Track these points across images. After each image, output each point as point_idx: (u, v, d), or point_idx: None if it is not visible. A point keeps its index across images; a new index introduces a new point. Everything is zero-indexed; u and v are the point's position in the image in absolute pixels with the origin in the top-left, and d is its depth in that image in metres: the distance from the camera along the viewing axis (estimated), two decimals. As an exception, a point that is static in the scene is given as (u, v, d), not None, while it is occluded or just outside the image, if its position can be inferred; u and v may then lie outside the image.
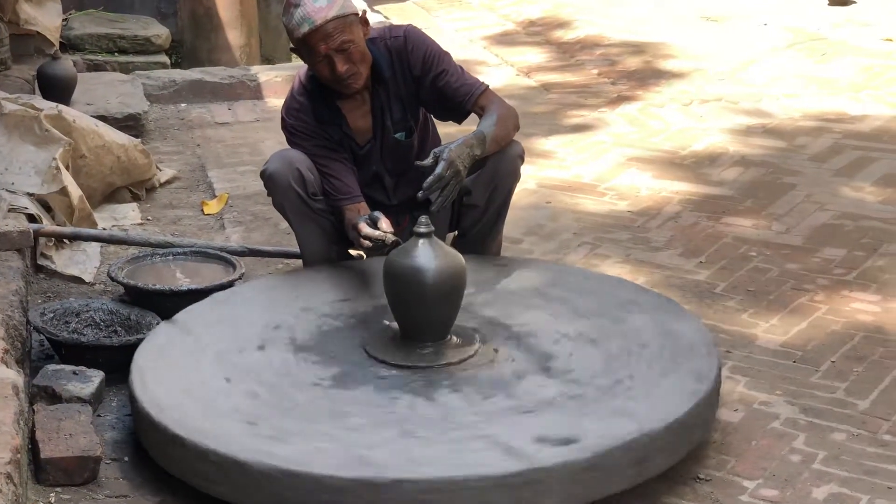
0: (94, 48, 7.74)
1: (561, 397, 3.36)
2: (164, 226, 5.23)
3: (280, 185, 4.06)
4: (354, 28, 3.93)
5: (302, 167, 4.05)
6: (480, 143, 3.92)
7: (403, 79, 4.09)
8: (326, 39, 3.89)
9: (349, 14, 3.92)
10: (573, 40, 8.31)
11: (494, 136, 3.98)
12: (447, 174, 3.79)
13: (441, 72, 4.07)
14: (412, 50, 4.07)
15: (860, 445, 3.47)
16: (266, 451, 3.08)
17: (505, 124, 4.03)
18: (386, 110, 4.11)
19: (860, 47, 7.87)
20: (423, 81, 4.08)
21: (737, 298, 4.42)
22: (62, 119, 5.13)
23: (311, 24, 3.87)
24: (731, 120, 6.52)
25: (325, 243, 4.19)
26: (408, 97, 4.12)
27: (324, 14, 3.87)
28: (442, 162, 3.79)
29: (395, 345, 3.63)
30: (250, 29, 8.42)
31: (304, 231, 4.16)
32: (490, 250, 4.29)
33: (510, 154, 4.10)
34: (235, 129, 6.68)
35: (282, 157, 4.10)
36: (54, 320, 4.01)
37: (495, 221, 4.24)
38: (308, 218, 4.11)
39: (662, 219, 5.17)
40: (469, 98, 4.07)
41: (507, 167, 4.11)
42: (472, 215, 4.20)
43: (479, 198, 4.15)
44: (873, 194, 5.39)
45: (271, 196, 4.14)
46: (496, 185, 4.13)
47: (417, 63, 4.07)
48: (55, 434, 3.34)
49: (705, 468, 3.37)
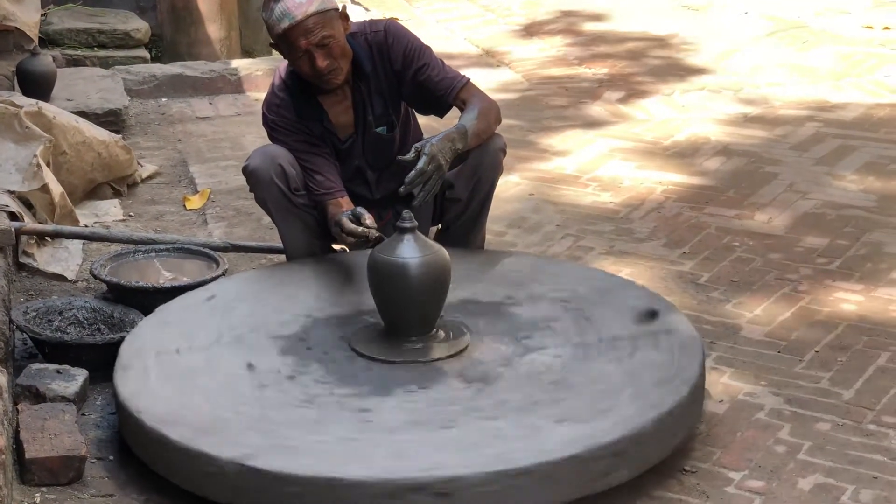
0: (73, 43, 7.69)
1: (553, 388, 3.37)
2: (146, 222, 5.22)
3: (262, 181, 4.05)
4: (335, 23, 3.92)
5: (284, 162, 4.03)
6: (462, 137, 3.91)
7: (384, 73, 4.08)
8: (307, 35, 3.87)
9: (329, 9, 3.90)
10: (554, 31, 8.30)
11: (476, 130, 3.97)
12: (429, 168, 3.79)
13: (422, 66, 4.06)
14: (392, 44, 4.06)
15: (845, 435, 3.48)
16: (261, 451, 3.06)
17: (486, 118, 4.02)
18: (367, 105, 4.10)
19: (841, 35, 7.89)
20: (404, 76, 4.07)
21: (720, 289, 4.42)
22: (42, 116, 5.11)
23: (291, 19, 3.85)
24: (713, 109, 6.52)
25: (308, 238, 4.18)
26: (389, 91, 4.11)
27: (304, 9, 3.85)
28: (423, 156, 3.79)
29: (381, 340, 3.62)
30: (230, 22, 8.39)
31: (287, 226, 4.15)
32: (474, 244, 4.29)
33: (492, 147, 4.09)
34: (216, 123, 6.65)
35: (263, 152, 4.09)
36: (37, 319, 4.00)
37: (478, 215, 4.24)
38: (290, 213, 4.10)
39: (646, 210, 5.18)
40: (450, 91, 4.06)
41: (489, 160, 4.10)
42: (454, 209, 4.20)
43: (461, 191, 4.14)
44: (855, 183, 5.40)
45: (253, 191, 4.13)
46: (479, 179, 4.12)
47: (398, 57, 4.06)
48: (39, 434, 3.33)
49: (691, 460, 3.38)
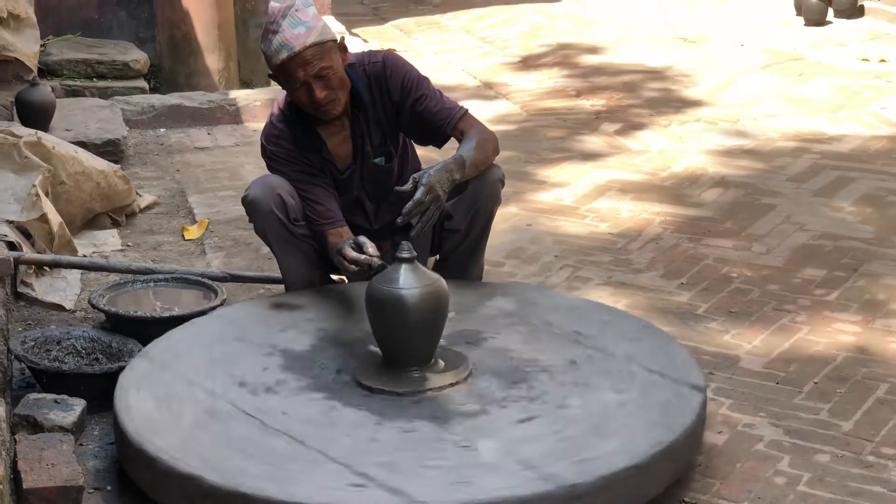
0: (72, 73, 7.71)
1: (550, 421, 3.36)
2: (144, 252, 5.22)
3: (261, 211, 4.05)
4: (333, 54, 3.93)
5: (283, 192, 4.04)
6: (460, 168, 3.92)
7: (382, 104, 4.09)
8: (305, 66, 3.88)
9: (327, 40, 3.91)
10: (551, 63, 8.33)
11: (474, 161, 3.98)
12: (426, 199, 3.79)
13: (420, 97, 4.07)
14: (391, 75, 4.07)
15: (844, 467, 3.47)
16: (270, 483, 3.05)
17: (484, 149, 4.03)
18: (365, 135, 4.11)
19: (837, 67, 7.93)
20: (403, 107, 4.08)
21: (719, 320, 4.42)
22: (41, 146, 5.11)
23: (289, 50, 3.86)
24: (710, 141, 6.54)
25: (307, 268, 4.18)
26: (387, 122, 4.12)
27: (302, 41, 3.86)
28: (421, 187, 3.80)
29: (380, 370, 3.61)
30: (228, 53, 8.41)
31: (286, 257, 4.15)
32: (472, 274, 4.29)
33: (491, 178, 4.10)
34: (215, 153, 6.67)
35: (263, 182, 4.10)
36: (35, 348, 3.99)
37: (476, 245, 4.24)
38: (290, 243, 4.10)
39: (643, 241, 5.19)
40: (448, 122, 4.07)
41: (487, 191, 4.11)
42: (453, 239, 4.20)
43: (459, 222, 4.15)
44: (853, 214, 5.42)
45: (252, 222, 4.13)
46: (477, 209, 4.13)
47: (396, 88, 4.07)
48: (37, 464, 3.31)
49: (691, 491, 3.37)
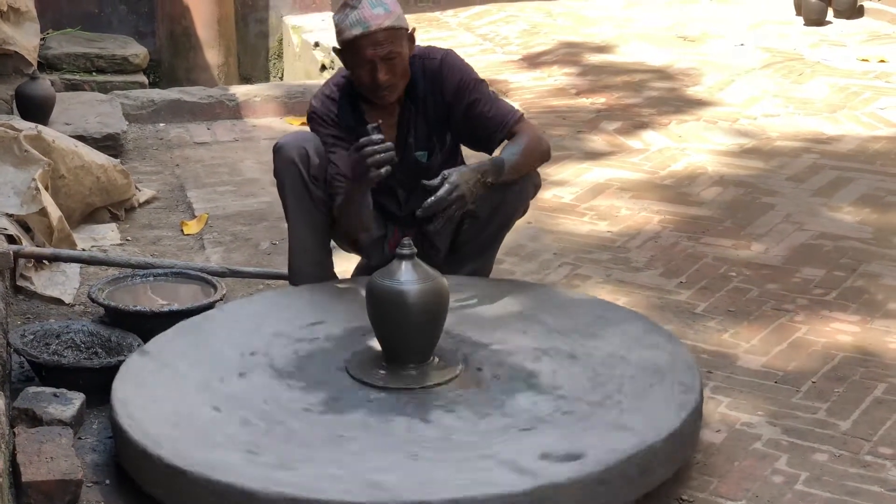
0: (71, 68, 7.71)
1: (554, 413, 3.37)
2: (143, 246, 5.22)
3: (284, 159, 4.03)
4: (403, 42, 3.96)
5: (310, 148, 4.03)
6: (496, 171, 3.90)
7: (434, 100, 4.08)
8: (375, 46, 3.90)
9: (402, 27, 3.95)
10: (552, 61, 8.34)
11: (515, 164, 3.96)
12: (450, 197, 3.78)
13: (474, 100, 4.05)
14: (447, 75, 4.06)
15: (842, 466, 3.48)
16: (273, 479, 3.05)
17: (530, 155, 4.01)
18: (411, 127, 4.10)
19: (836, 67, 7.94)
20: (456, 109, 4.07)
21: (717, 319, 4.43)
22: (41, 139, 5.12)
23: (364, 27, 3.88)
24: (710, 140, 6.55)
25: (316, 239, 4.15)
26: (435, 119, 4.10)
27: (379, 21, 3.89)
28: (446, 185, 3.79)
29: (379, 367, 3.62)
30: (228, 48, 8.43)
31: (298, 222, 4.11)
32: (480, 272, 4.28)
33: (526, 180, 4.09)
34: (214, 148, 6.67)
35: (296, 134, 4.12)
36: (34, 342, 3.99)
37: (491, 241, 4.23)
38: (303, 203, 4.06)
39: (642, 239, 5.19)
40: (501, 128, 4.04)
41: (518, 189, 4.08)
42: (472, 229, 4.18)
43: (483, 210, 4.10)
44: (851, 214, 5.42)
45: (275, 170, 4.10)
46: (503, 201, 4.09)
47: (451, 88, 4.05)
48: (36, 457, 3.31)
49: (688, 489, 3.37)
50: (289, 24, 8.78)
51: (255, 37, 8.98)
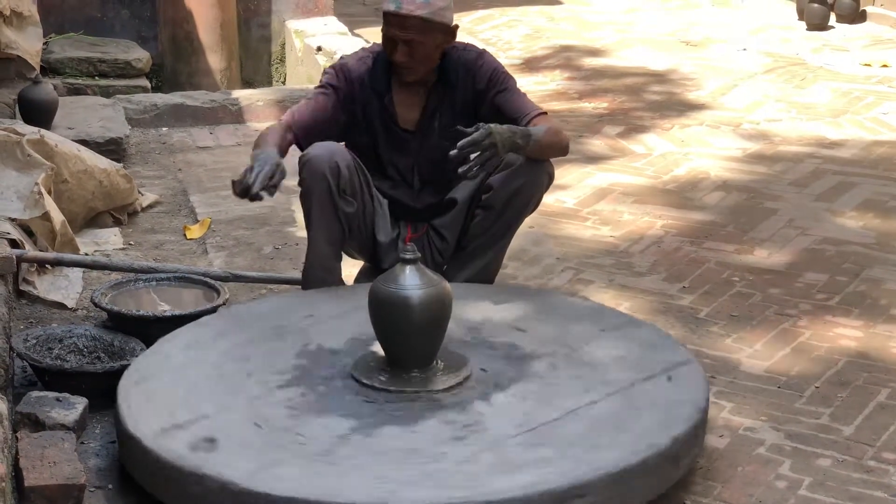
0: (74, 72, 7.71)
1: (551, 422, 3.35)
2: (146, 251, 5.22)
3: (315, 172, 4.02)
4: (432, 34, 4.01)
5: (341, 162, 4.04)
6: (525, 137, 3.97)
7: (464, 90, 4.15)
8: (400, 27, 3.99)
9: (434, 21, 3.99)
10: (554, 65, 8.34)
11: (540, 140, 4.01)
12: (484, 142, 3.83)
13: (504, 89, 4.15)
14: (482, 65, 4.16)
15: (845, 471, 3.47)
16: (272, 482, 3.05)
17: (555, 136, 4.08)
18: (437, 111, 4.17)
19: (839, 72, 7.94)
20: (485, 96, 4.14)
21: (720, 323, 4.42)
22: (44, 144, 5.11)
23: (396, 6, 3.98)
24: (713, 145, 6.55)
25: (331, 250, 4.17)
26: (463, 108, 4.17)
27: (411, 8, 3.96)
28: (482, 129, 3.85)
29: (382, 371, 3.60)
30: (231, 53, 8.42)
31: (318, 229, 4.12)
32: (486, 273, 4.29)
33: (542, 167, 4.13)
34: (217, 153, 6.66)
35: (326, 146, 4.09)
36: (37, 346, 3.99)
37: (503, 234, 4.24)
38: (327, 215, 4.08)
39: (645, 244, 5.19)
40: (525, 116, 4.10)
41: (534, 177, 4.12)
42: (485, 220, 4.19)
43: (498, 199, 4.14)
44: (854, 219, 5.42)
45: (301, 180, 4.08)
46: (518, 190, 4.12)
47: (484, 77, 4.14)
48: (39, 462, 3.31)
49: (692, 494, 3.37)
50: (291, 28, 8.78)
51: (257, 41, 8.97)
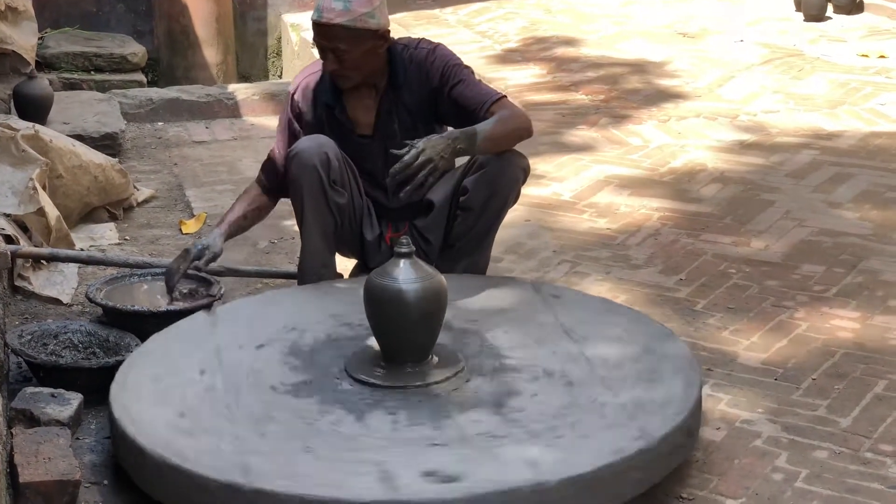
0: (70, 67, 7.69)
1: (547, 416, 3.33)
2: (141, 246, 5.20)
3: (305, 164, 4.03)
4: (359, 41, 3.98)
5: (330, 153, 4.05)
6: (467, 139, 3.92)
7: (419, 89, 4.12)
8: (324, 37, 4.00)
9: (358, 27, 3.96)
10: (550, 57, 8.32)
11: (489, 134, 3.96)
12: (415, 162, 3.82)
13: (457, 82, 4.09)
14: (433, 62, 4.12)
15: (842, 463, 3.47)
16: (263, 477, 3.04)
17: (505, 124, 4.01)
18: (393, 114, 4.15)
19: (836, 63, 7.92)
20: (441, 93, 4.10)
21: (717, 316, 4.42)
22: (39, 139, 5.10)
23: (318, 15, 4.00)
24: (709, 136, 6.53)
25: (326, 245, 4.17)
26: (419, 108, 4.14)
27: (330, 16, 3.96)
28: (412, 150, 3.84)
29: (376, 365, 3.60)
30: (227, 47, 8.41)
31: (312, 225, 4.12)
32: (478, 265, 4.27)
33: (514, 162, 4.10)
34: (213, 147, 6.65)
35: (314, 138, 4.10)
36: (32, 342, 3.98)
37: (487, 231, 4.23)
38: (320, 208, 4.08)
39: (642, 236, 5.18)
40: (482, 106, 4.05)
41: (509, 174, 4.10)
42: (466, 219, 4.18)
43: (475, 200, 4.12)
44: (851, 210, 5.41)
45: (291, 175, 4.08)
46: (495, 191, 4.11)
47: (437, 74, 4.10)
48: (34, 458, 3.30)
49: (688, 487, 3.36)
50: (287, 22, 8.77)
51: (253, 35, 8.97)
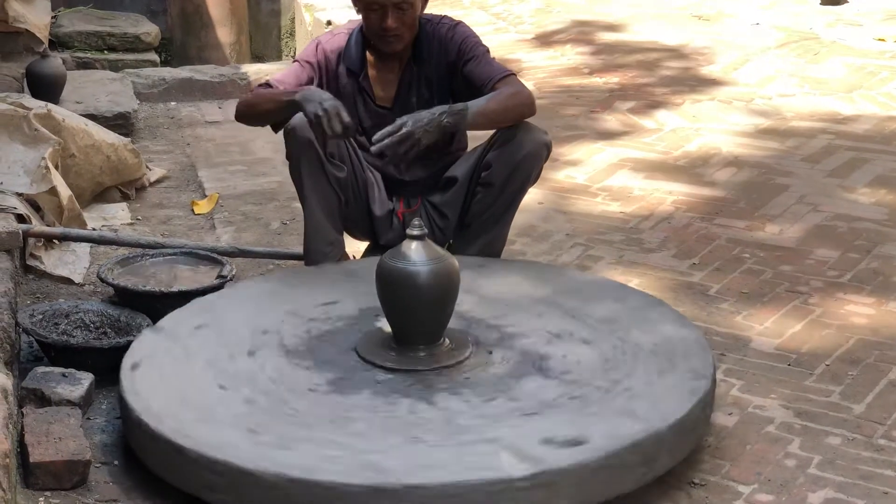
0: (83, 46, 7.70)
1: (561, 398, 3.34)
2: (153, 226, 5.20)
3: (300, 139, 4.01)
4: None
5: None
6: (455, 113, 3.94)
7: (438, 63, 4.15)
8: None
9: None
10: (565, 40, 8.29)
11: (482, 109, 3.98)
12: (397, 133, 3.85)
13: (471, 57, 4.12)
14: (452, 37, 4.16)
15: (855, 450, 3.45)
16: (272, 459, 3.03)
17: (502, 101, 4.01)
18: (413, 88, 4.17)
19: (852, 47, 7.87)
20: (456, 68, 4.14)
21: (730, 300, 4.39)
22: (51, 118, 5.09)
23: None
24: (724, 120, 6.50)
25: (330, 222, 4.16)
26: (438, 82, 4.17)
27: None
28: (397, 122, 3.89)
29: (388, 348, 3.59)
30: (240, 27, 8.41)
31: (313, 202, 4.11)
32: (494, 246, 4.27)
33: (536, 139, 4.10)
34: (225, 127, 6.64)
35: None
36: (43, 322, 3.98)
37: (506, 210, 4.21)
38: (320, 185, 4.07)
39: (655, 220, 5.15)
40: (488, 83, 4.07)
41: (532, 150, 4.09)
42: (487, 194, 4.17)
43: (497, 175, 4.12)
44: (867, 195, 5.38)
45: (289, 151, 4.08)
46: (517, 167, 4.10)
47: (454, 49, 4.14)
48: (44, 438, 3.31)
49: (700, 472, 3.35)
50: (301, 2, 8.75)
51: (267, 15, 8.96)
